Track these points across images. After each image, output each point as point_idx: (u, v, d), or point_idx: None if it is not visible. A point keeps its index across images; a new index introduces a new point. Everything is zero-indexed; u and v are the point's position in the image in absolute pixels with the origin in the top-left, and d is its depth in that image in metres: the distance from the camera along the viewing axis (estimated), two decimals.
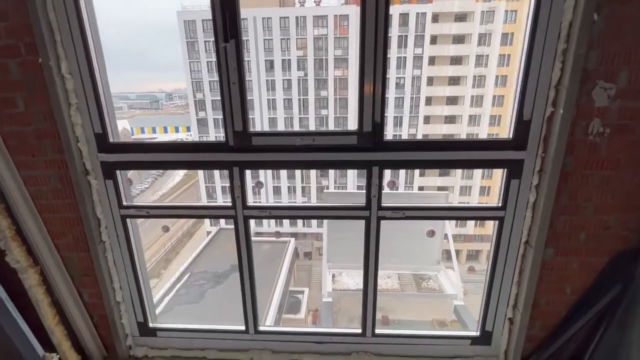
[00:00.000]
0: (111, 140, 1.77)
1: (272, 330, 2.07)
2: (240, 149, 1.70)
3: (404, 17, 29.79)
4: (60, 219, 1.84)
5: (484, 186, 31.32)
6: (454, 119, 33.40)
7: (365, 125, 1.61)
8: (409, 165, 1.70)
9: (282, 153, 1.70)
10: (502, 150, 1.64)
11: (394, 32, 29.77)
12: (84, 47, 1.60)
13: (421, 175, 31.57)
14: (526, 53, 1.51)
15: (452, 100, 33.07)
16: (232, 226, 1.82)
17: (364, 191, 1.76)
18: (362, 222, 1.80)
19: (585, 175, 1.62)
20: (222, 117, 1.66)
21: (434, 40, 31.14)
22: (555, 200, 1.63)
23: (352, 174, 30.53)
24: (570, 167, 1.60)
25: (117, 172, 1.82)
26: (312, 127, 32.68)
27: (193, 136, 32.69)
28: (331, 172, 31.05)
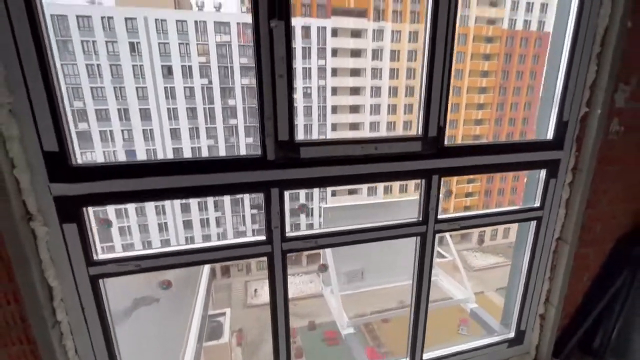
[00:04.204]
0: (73, 162, 1.13)
1: None
2: (284, 164, 1.29)
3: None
4: None
5: None
6: (356, 126, 36.17)
7: (430, 129, 1.41)
8: (465, 171, 1.57)
9: (335, 166, 1.36)
10: (545, 150, 1.66)
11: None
12: (27, 9, 0.97)
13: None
14: (568, 57, 1.55)
15: (355, 109, 35.79)
16: None
17: (364, 202, 1.56)
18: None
19: (605, 171, 1.75)
20: (256, 124, 1.23)
21: (334, 53, 33.23)
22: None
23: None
24: (595, 164, 1.72)
25: (85, 210, 1.18)
26: (221, 138, 30.97)
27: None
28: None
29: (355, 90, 35.48)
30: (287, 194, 1.36)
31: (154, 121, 28.08)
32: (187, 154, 29.71)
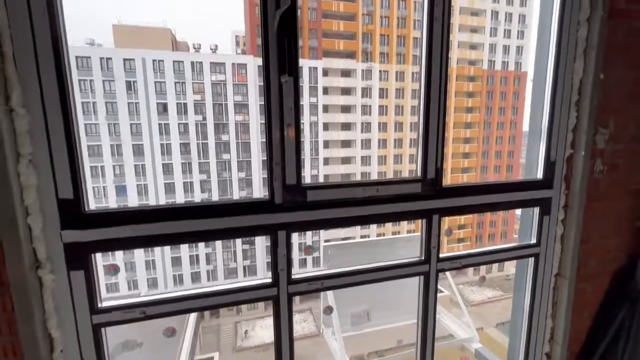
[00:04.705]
0: (86, 209, 1.15)
1: None
2: (291, 207, 1.33)
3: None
4: None
5: None
6: (348, 160, 36.95)
7: (429, 171, 1.49)
8: (463, 210, 1.63)
9: (340, 208, 1.41)
10: (536, 190, 1.74)
11: None
12: (56, 64, 1.05)
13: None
14: (550, 103, 1.69)
15: (346, 144, 36.76)
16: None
17: (361, 240, 1.60)
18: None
19: (593, 207, 1.84)
20: (266, 169, 1.29)
21: (325, 91, 34.66)
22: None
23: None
24: (585, 202, 1.80)
25: (93, 256, 1.18)
26: (213, 172, 31.06)
27: None
28: None
29: (346, 126, 36.62)
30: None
31: (146, 156, 28.20)
32: (179, 189, 29.53)
